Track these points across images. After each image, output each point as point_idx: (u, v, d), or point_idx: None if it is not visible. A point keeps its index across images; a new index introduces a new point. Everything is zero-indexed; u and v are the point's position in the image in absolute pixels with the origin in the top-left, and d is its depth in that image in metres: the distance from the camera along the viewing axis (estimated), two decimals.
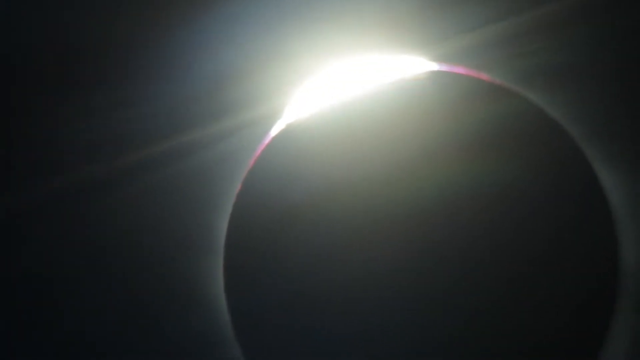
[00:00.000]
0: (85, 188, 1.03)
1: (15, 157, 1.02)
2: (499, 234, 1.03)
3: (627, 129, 1.03)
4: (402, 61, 1.04)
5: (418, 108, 1.03)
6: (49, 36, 0.96)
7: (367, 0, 1.01)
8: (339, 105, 1.04)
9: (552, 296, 1.02)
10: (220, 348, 1.04)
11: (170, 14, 0.96)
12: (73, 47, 0.97)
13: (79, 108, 1.00)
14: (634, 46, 1.02)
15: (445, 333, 1.02)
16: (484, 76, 1.03)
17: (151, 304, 1.04)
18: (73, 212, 1.03)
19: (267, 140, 1.04)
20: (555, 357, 1.02)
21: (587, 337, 1.02)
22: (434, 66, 1.04)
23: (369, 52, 1.04)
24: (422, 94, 1.03)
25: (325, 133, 1.03)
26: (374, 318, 1.02)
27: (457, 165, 1.02)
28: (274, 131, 1.04)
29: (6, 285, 1.03)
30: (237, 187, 1.04)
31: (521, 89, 1.03)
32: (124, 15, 0.95)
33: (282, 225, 1.03)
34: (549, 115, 1.03)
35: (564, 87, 1.03)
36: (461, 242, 1.02)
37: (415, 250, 1.02)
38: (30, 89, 0.99)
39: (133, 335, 1.04)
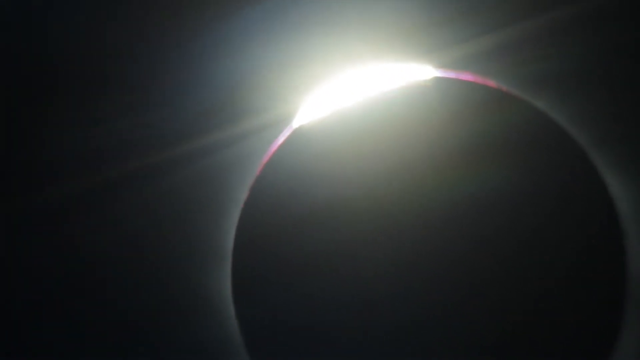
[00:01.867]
0: (94, 192, 1.03)
1: (27, 160, 1.03)
2: (506, 239, 1.03)
3: (634, 135, 1.03)
4: (410, 68, 1.05)
5: (425, 114, 1.03)
6: (65, 42, 0.97)
7: (375, 8, 1.02)
8: (346, 111, 1.05)
9: (559, 303, 1.02)
10: (228, 352, 1.04)
11: (183, 22, 0.97)
12: (88, 53, 0.98)
13: (90, 114, 1.01)
14: None
15: (454, 337, 1.02)
16: (491, 83, 1.04)
17: (159, 308, 1.04)
18: (81, 216, 1.04)
19: (275, 146, 1.05)
20: None
21: (595, 344, 1.01)
22: (442, 73, 1.04)
23: (378, 59, 1.04)
24: (430, 100, 1.04)
25: (332, 139, 1.04)
26: (384, 323, 1.02)
27: (464, 171, 1.03)
28: (282, 137, 1.05)
29: (15, 286, 1.04)
30: (245, 192, 1.05)
31: (528, 95, 1.04)
32: (138, 23, 0.96)
33: (289, 230, 1.04)
34: (556, 121, 1.04)
35: (570, 94, 1.03)
36: (468, 248, 1.02)
37: (424, 256, 1.02)
38: (43, 93, 1.00)
39: (140, 340, 1.04)
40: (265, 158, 1.05)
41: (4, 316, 1.03)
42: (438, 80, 1.05)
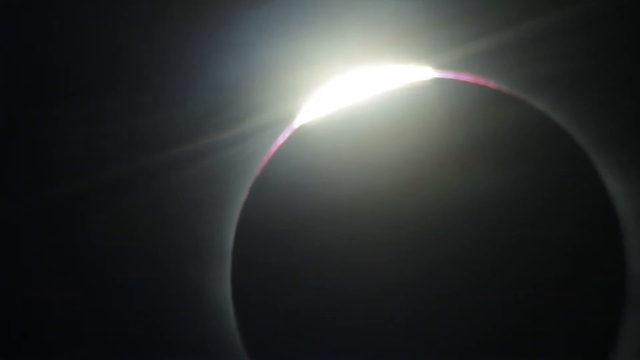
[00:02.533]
0: (95, 193, 1.03)
1: (31, 160, 1.03)
2: (505, 240, 1.03)
3: (634, 136, 1.03)
4: (410, 69, 1.05)
5: (426, 115, 1.03)
6: (69, 41, 0.97)
7: (375, 10, 1.02)
8: (346, 112, 1.05)
9: (559, 303, 1.03)
10: (228, 353, 1.04)
11: (186, 23, 0.97)
12: (90, 53, 0.98)
13: (91, 114, 1.01)
14: None
15: (454, 337, 1.02)
16: (491, 84, 1.04)
17: (158, 309, 1.04)
18: (82, 216, 1.03)
19: (275, 146, 1.05)
20: None
21: (595, 344, 1.02)
22: (442, 74, 1.05)
23: (378, 60, 1.04)
24: (430, 101, 1.04)
25: (332, 139, 1.04)
26: (385, 323, 1.02)
27: (464, 172, 1.03)
28: (282, 137, 1.05)
29: (16, 285, 1.04)
30: (245, 193, 1.05)
31: (528, 96, 1.04)
32: (140, 22, 0.96)
33: (289, 231, 1.04)
34: (556, 122, 1.04)
35: (571, 95, 1.03)
36: (468, 248, 1.03)
37: (425, 256, 1.02)
38: (47, 92, 1.00)
39: (139, 340, 1.04)
40: (266, 158, 1.05)
41: (7, 315, 1.03)
42: (438, 81, 1.05)
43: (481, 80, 1.04)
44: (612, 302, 1.02)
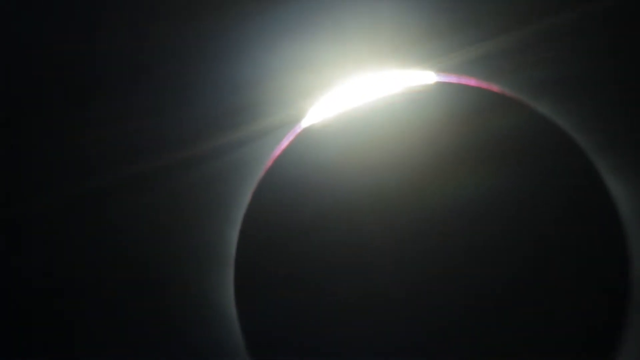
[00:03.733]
0: (96, 196, 1.03)
1: (33, 163, 1.03)
2: (508, 244, 1.03)
3: (637, 139, 1.04)
4: (414, 73, 1.05)
5: (429, 119, 1.04)
6: (66, 45, 0.97)
7: (380, 16, 1.02)
8: (350, 116, 1.05)
9: (561, 305, 1.03)
10: (230, 357, 1.04)
11: (190, 24, 0.97)
12: (89, 56, 0.98)
13: (94, 117, 1.01)
14: None
15: (456, 339, 1.02)
16: (494, 87, 1.04)
17: (160, 313, 1.04)
18: (84, 219, 1.03)
19: (278, 150, 1.05)
20: None
21: (597, 347, 1.02)
22: (444, 78, 1.05)
23: (383, 64, 1.05)
24: (433, 105, 1.04)
25: (336, 143, 1.04)
26: (388, 329, 1.02)
27: (467, 176, 1.03)
28: (286, 141, 1.05)
29: (16, 289, 1.04)
30: (248, 196, 1.05)
31: (530, 100, 1.04)
32: (142, 24, 0.96)
33: (292, 235, 1.04)
34: (558, 126, 1.04)
35: (573, 98, 1.04)
36: (472, 251, 1.03)
37: (429, 260, 1.02)
38: (48, 95, 1.00)
39: (142, 344, 1.04)
40: (270, 161, 1.05)
41: (7, 319, 1.03)
42: (441, 85, 1.05)
43: (484, 84, 1.05)
44: (615, 304, 1.02)
